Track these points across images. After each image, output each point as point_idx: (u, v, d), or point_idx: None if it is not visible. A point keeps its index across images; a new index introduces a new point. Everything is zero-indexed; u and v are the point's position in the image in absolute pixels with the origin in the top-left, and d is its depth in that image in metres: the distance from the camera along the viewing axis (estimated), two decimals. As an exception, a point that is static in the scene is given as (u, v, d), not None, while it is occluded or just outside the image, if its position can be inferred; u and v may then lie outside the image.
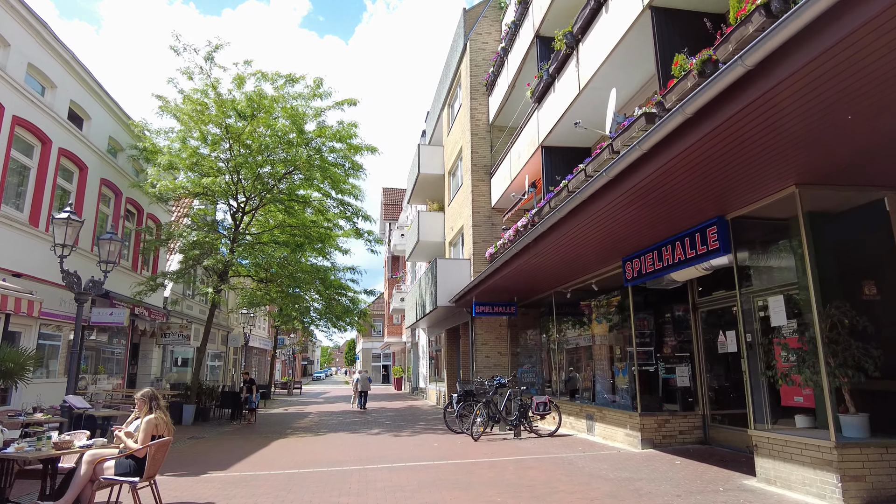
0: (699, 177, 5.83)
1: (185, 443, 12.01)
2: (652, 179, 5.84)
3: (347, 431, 13.84)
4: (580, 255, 9.93)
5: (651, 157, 5.46)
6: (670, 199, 6.56)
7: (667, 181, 5.92)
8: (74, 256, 15.19)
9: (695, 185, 6.11)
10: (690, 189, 6.22)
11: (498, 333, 16.75)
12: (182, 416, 15.70)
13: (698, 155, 5.30)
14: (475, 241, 17.12)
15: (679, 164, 5.50)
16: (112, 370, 19.15)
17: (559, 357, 13.79)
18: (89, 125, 16.20)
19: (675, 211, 7.04)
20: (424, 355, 28.31)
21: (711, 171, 5.67)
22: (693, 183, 6.01)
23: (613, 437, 10.00)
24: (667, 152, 5.27)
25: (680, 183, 6.01)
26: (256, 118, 15.82)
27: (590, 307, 12.45)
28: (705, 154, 5.26)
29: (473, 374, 16.45)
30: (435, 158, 22.58)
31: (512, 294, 14.57)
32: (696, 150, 5.18)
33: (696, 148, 5.09)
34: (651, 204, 6.76)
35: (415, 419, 16.79)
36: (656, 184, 6.01)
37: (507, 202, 16.27)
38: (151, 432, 5.37)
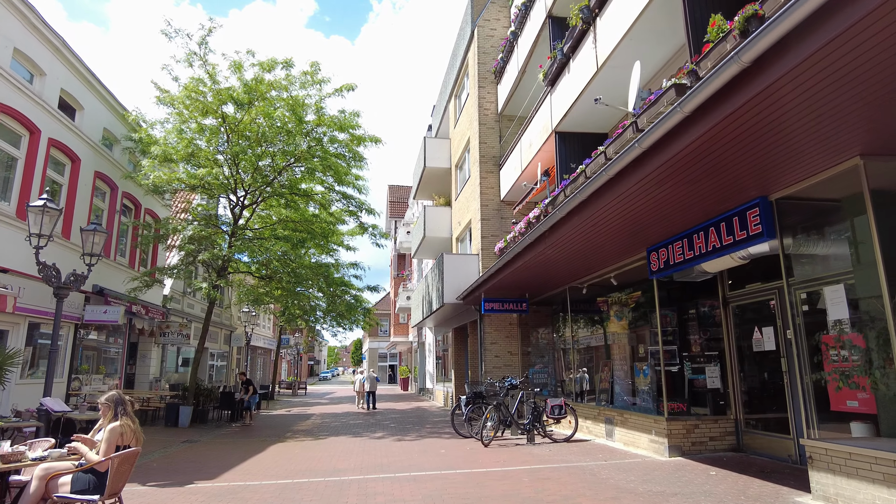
0: (747, 147, 5.05)
1: (177, 447, 11.34)
2: (693, 149, 5.06)
3: (349, 435, 13.12)
4: (599, 245, 9.15)
5: (695, 122, 4.69)
6: (710, 176, 5.77)
7: (710, 152, 5.14)
8: (65, 252, 14.60)
9: (740, 158, 5.32)
10: (734, 163, 5.44)
11: (508, 332, 15.98)
12: (178, 418, 15.05)
13: (751, 118, 4.52)
14: (483, 236, 16.36)
15: (726, 131, 4.72)
16: (109, 370, 18.55)
17: (573, 357, 13.00)
18: (82, 115, 15.58)
19: (712, 191, 6.24)
20: (431, 355, 27.57)
21: (764, 139, 4.88)
22: (738, 155, 5.23)
23: (636, 444, 9.21)
24: (715, 113, 4.49)
25: (724, 155, 5.22)
26: (254, 107, 15.14)
27: (607, 303, 11.65)
28: (760, 117, 4.48)
29: (482, 375, 15.68)
30: (441, 151, 21.83)
31: (523, 290, 13.79)
32: (751, 111, 4.40)
33: (751, 107, 4.30)
34: (687, 182, 5.98)
35: (421, 422, 16.04)
36: (697, 155, 5.22)
37: (518, 194, 15.49)
38: (115, 442, 4.66)
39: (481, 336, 16.00)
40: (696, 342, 9.50)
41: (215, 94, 15.02)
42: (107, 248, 17.04)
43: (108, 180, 17.02)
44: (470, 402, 11.44)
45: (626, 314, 11.07)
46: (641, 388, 10.19)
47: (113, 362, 18.69)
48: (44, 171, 13.71)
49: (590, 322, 12.66)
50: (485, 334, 15.85)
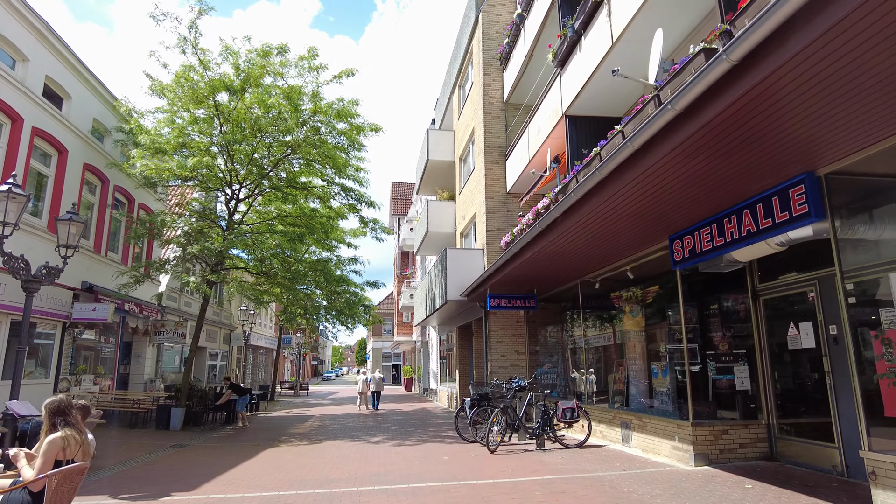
0: (800, 107, 4.28)
1: (164, 452, 10.64)
2: (737, 110, 4.30)
3: (347, 439, 12.39)
4: (616, 233, 8.38)
5: (743, 72, 3.92)
6: (751, 146, 4.99)
7: (756, 113, 4.37)
8: (51, 247, 13.94)
9: (788, 123, 4.56)
10: (781, 129, 4.67)
11: (514, 330, 15.21)
12: (170, 420, 14.36)
13: (810, 67, 3.76)
14: (489, 230, 15.60)
15: (778, 85, 3.95)
16: (97, 370, 17.90)
17: (585, 356, 12.23)
18: (69, 105, 14.93)
19: (750, 165, 5.47)
20: (435, 355, 26.84)
21: (823, 95, 4.12)
22: (787, 119, 4.46)
23: (656, 450, 8.44)
24: (769, 61, 3.72)
25: (771, 119, 4.46)
26: (248, 94, 14.45)
27: (621, 299, 10.88)
28: (823, 65, 3.71)
29: (488, 375, 14.93)
30: (445, 144, 21.08)
31: (531, 285, 13.03)
32: (810, 57, 3.64)
33: (811, 52, 3.54)
34: (723, 154, 5.21)
35: (423, 424, 15.30)
36: (740, 118, 4.46)
37: (525, 185, 14.73)
38: (54, 457, 3.95)
39: (486, 334, 15.25)
40: (721, 340, 8.72)
41: (207, 83, 14.33)
42: (97, 244, 16.41)
43: (98, 173, 16.36)
44: (475, 404, 10.69)
45: (643, 310, 10.30)
46: (660, 389, 9.43)
47: (99, 362, 18.05)
48: (27, 162, 13.05)
49: (603, 319, 11.89)
50: (490, 332, 15.11)
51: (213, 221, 16.40)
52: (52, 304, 14.15)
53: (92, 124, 15.83)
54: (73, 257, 15.16)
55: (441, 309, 17.40)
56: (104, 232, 16.64)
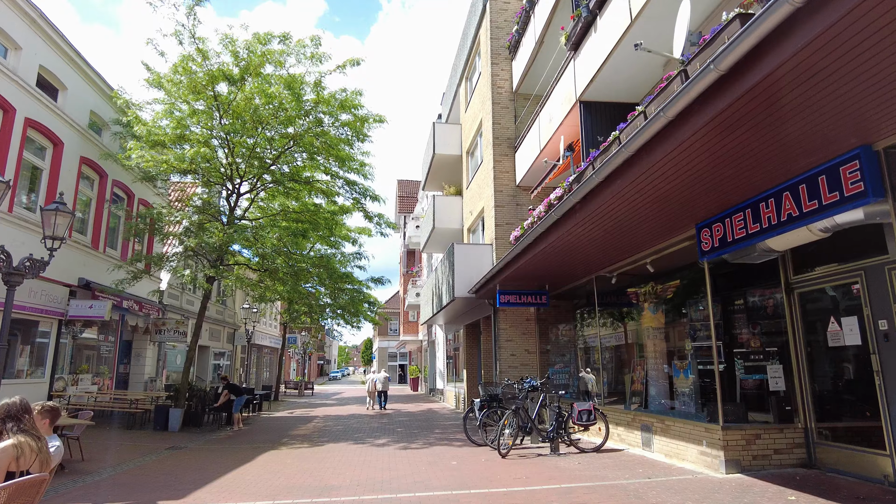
0: (864, 69, 3.69)
1: (158, 455, 10.14)
2: (794, 67, 3.71)
3: (350, 441, 11.85)
4: (636, 223, 7.79)
5: (808, 17, 3.34)
6: (804, 112, 4.40)
7: (817, 70, 3.78)
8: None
9: (844, 90, 3.97)
10: (837, 96, 4.08)
11: (525, 328, 14.64)
12: (168, 421, 13.88)
13: (878, 18, 3.18)
14: (498, 224, 15.03)
15: (848, 33, 3.37)
16: (101, 370, 17.48)
17: (599, 355, 11.64)
18: (65, 96, 14.49)
19: (798, 138, 4.88)
20: (442, 354, 26.29)
21: (887, 54, 3.53)
22: (852, 76, 3.87)
23: (681, 456, 7.84)
24: (833, 7, 3.14)
25: (834, 77, 3.86)
26: (248, 84, 13.96)
27: (639, 295, 10.28)
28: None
29: (497, 375, 14.36)
30: (451, 137, 20.53)
31: (543, 281, 12.44)
32: (879, 5, 3.06)
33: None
34: (768, 125, 4.62)
35: (430, 426, 14.75)
36: (796, 77, 3.87)
37: (536, 177, 14.15)
38: (6, 467, 3.42)
39: (496, 333, 14.68)
40: (748, 337, 8.13)
41: (206, 73, 13.83)
42: (94, 240, 15.97)
43: (96, 167, 15.93)
44: (484, 405, 10.12)
45: (663, 306, 9.71)
46: (681, 390, 8.84)
47: (98, 361, 17.62)
48: (20, 154, 12.62)
49: (619, 316, 11.30)
50: (500, 331, 14.53)
51: (214, 217, 15.92)
52: (46, 300, 13.71)
53: (89, 117, 15.41)
54: (69, 253, 14.82)
55: (448, 307, 16.84)
56: (102, 227, 16.21)
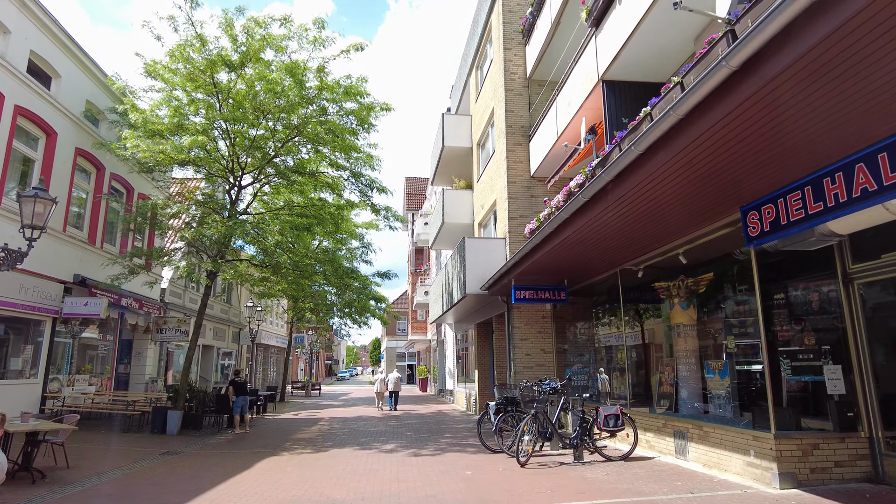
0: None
1: (151, 461, 9.46)
2: None
3: (356, 447, 11.13)
4: (670, 208, 7.00)
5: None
6: None
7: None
8: (45, 241, 12.88)
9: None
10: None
11: (541, 326, 13.85)
12: (166, 424, 13.21)
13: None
14: (511, 217, 14.25)
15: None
16: (100, 370, 16.90)
17: (623, 355, 10.84)
18: (59, 84, 13.87)
19: (879, 96, 4.08)
20: (451, 354, 25.54)
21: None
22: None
23: (723, 466, 7.04)
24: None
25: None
26: (248, 70, 13.29)
27: (668, 289, 9.47)
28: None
29: (511, 376, 13.58)
30: (461, 129, 19.77)
31: (562, 275, 11.65)
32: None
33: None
34: (852, 76, 3.82)
35: (440, 429, 14.00)
36: None
37: (551, 167, 13.36)
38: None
39: (510, 331, 13.90)
40: (793, 334, 7.31)
41: (205, 59, 13.16)
42: (91, 235, 15.36)
43: (93, 160, 15.32)
44: (500, 409, 9.35)
45: (695, 301, 8.91)
46: (716, 392, 8.04)
47: (104, 361, 17.05)
48: (9, 143, 12.00)
49: (645, 313, 10.50)
50: (514, 329, 13.75)
51: (215, 210, 15.25)
52: (39, 297, 13.10)
53: (85, 106, 14.78)
54: (64, 249, 14.21)
55: (459, 304, 16.09)
56: (99, 222, 15.60)
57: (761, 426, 6.45)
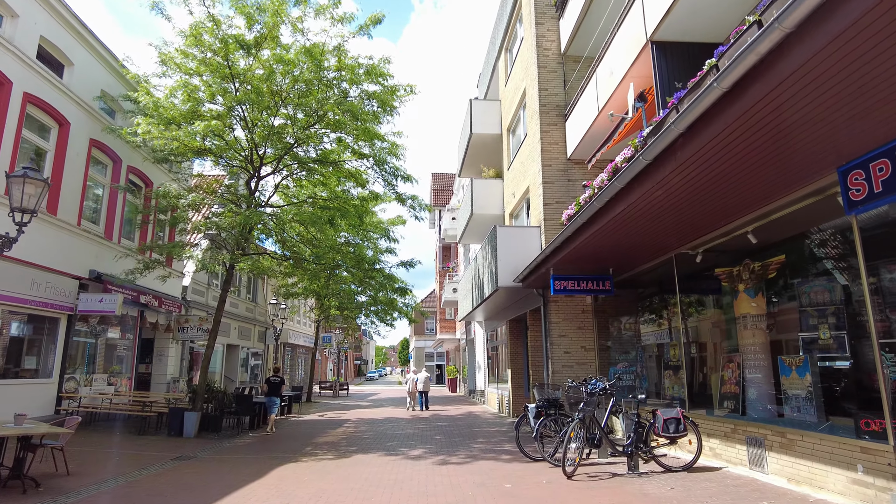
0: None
1: (160, 468, 8.72)
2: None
3: (382, 452, 10.21)
4: (744, 172, 5.83)
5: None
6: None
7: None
8: (51, 230, 12.38)
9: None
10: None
11: (581, 322, 12.72)
12: (183, 426, 12.55)
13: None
14: (546, 203, 13.16)
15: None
16: (118, 369, 16.43)
17: (676, 351, 9.67)
18: (71, 73, 13.36)
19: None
20: (482, 353, 24.50)
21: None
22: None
23: (817, 483, 5.86)
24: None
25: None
26: (264, 51, 12.54)
27: (732, 276, 8.29)
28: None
29: (549, 376, 12.50)
30: (490, 115, 18.74)
31: (606, 264, 10.51)
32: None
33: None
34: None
35: (472, 433, 13.00)
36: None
37: (591, 146, 12.24)
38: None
39: (546, 328, 12.81)
40: (888, 324, 6.08)
41: (220, 39, 12.45)
42: (108, 229, 14.85)
43: (109, 152, 14.80)
44: (541, 412, 8.30)
45: (765, 288, 7.72)
46: (793, 392, 6.87)
47: (124, 360, 16.57)
48: (18, 131, 11.48)
49: (702, 303, 9.32)
50: (551, 325, 12.66)
51: (233, 202, 14.57)
52: (53, 294, 12.59)
53: (100, 95, 14.26)
54: (79, 243, 13.70)
55: (490, 299, 15.06)
56: (116, 216, 15.09)
57: (876, 436, 5.26)
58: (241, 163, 14.44)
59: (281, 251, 15.50)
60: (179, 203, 13.12)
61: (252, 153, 14.17)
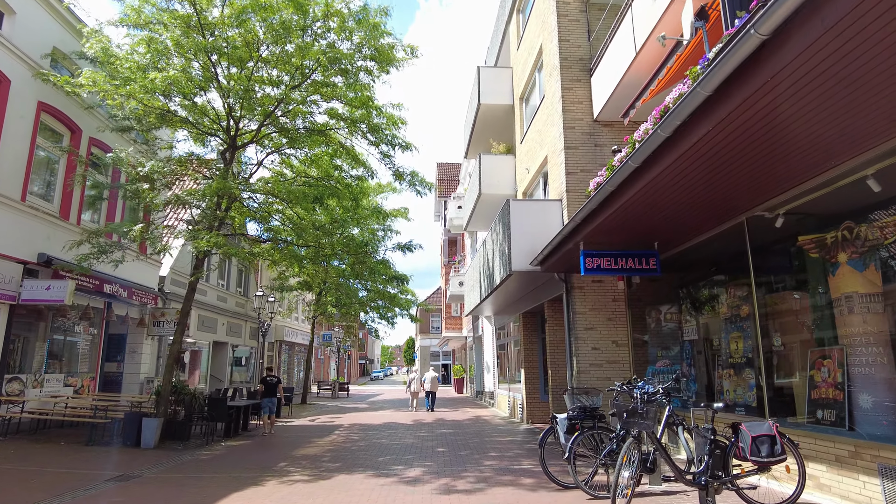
0: None
1: (86, 492, 6.79)
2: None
3: (370, 471, 8.22)
4: (886, 77, 3.81)
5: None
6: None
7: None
8: None
9: None
10: None
11: (611, 312, 10.68)
12: (140, 436, 10.62)
13: None
14: (569, 172, 11.13)
15: None
16: (81, 368, 14.55)
17: (737, 345, 7.63)
18: (13, 23, 11.46)
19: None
20: (490, 351, 22.47)
21: None
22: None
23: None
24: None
25: None
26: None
27: (826, 244, 6.24)
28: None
29: (574, 377, 10.47)
30: (501, 83, 16.72)
31: (651, 235, 8.42)
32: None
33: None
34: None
35: (482, 444, 10.99)
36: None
37: (622, 104, 10.19)
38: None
39: (570, 319, 10.78)
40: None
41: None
42: (64, 208, 12.95)
43: (66, 120, 12.93)
44: (575, 426, 6.27)
45: (879, 258, 5.68)
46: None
47: (80, 357, 14.64)
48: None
49: (783, 281, 7.25)
50: (576, 317, 10.63)
51: (208, 179, 12.65)
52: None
53: (50, 53, 12.36)
54: (26, 223, 11.74)
55: (501, 288, 13.04)
56: (75, 194, 13.18)
57: None
58: (216, 129, 12.55)
59: (259, 232, 13.59)
60: (137, 172, 11.16)
61: (228, 120, 12.28)
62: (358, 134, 13.21)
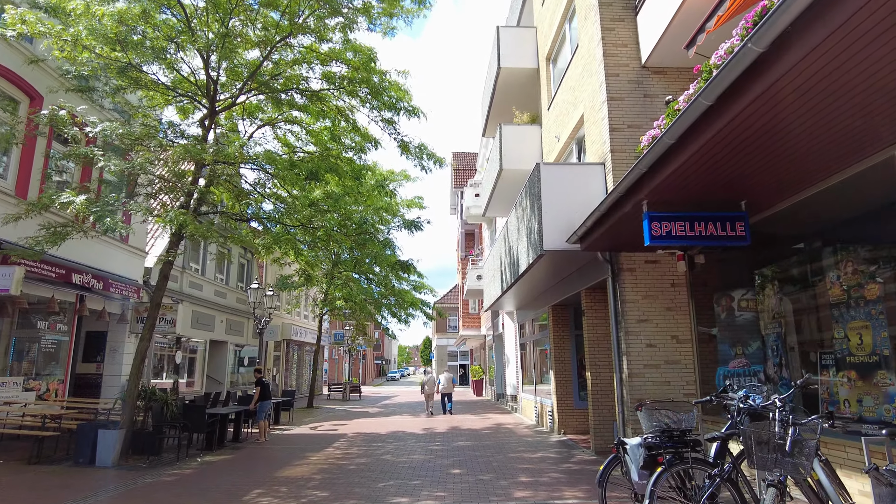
0: None
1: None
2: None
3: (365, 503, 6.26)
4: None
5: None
6: None
7: None
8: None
9: None
10: None
11: (670, 300, 8.56)
12: (95, 451, 8.79)
13: None
14: (614, 128, 9.02)
15: None
16: (51, 369, 12.86)
17: (859, 339, 5.50)
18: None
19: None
20: (512, 350, 20.38)
21: None
22: None
23: None
24: None
25: None
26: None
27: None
28: None
29: (623, 381, 8.38)
30: (524, 45, 14.64)
31: (737, 192, 6.24)
32: None
33: None
34: None
35: (507, 463, 8.95)
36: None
37: (673, 49, 8.09)
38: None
39: (618, 310, 8.67)
40: None
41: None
42: (20, 185, 11.21)
43: (23, 84, 11.21)
44: (657, 457, 4.21)
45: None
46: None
47: (54, 358, 12.96)
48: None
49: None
50: (626, 306, 8.52)
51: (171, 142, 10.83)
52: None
53: (3, 5, 10.62)
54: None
55: (527, 275, 10.99)
56: (34, 169, 11.44)
57: None
58: (193, 91, 10.74)
59: (240, 209, 11.72)
60: (85, 134, 9.34)
61: (207, 81, 10.47)
62: (357, 99, 11.35)
